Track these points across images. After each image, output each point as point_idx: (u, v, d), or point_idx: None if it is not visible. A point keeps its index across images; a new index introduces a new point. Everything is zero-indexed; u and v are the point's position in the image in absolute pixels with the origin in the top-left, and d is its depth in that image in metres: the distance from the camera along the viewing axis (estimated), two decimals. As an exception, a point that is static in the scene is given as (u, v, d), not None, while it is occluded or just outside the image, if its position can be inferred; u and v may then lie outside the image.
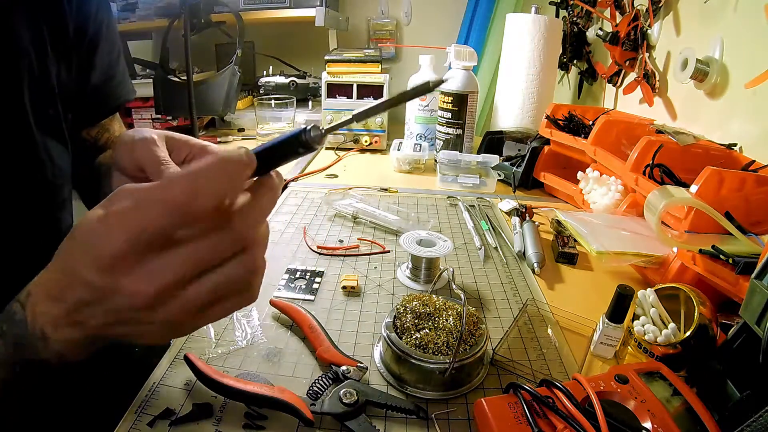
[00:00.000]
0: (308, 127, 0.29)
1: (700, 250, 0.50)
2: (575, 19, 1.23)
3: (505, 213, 0.82)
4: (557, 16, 1.25)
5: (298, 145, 0.29)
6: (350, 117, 0.31)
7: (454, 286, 0.49)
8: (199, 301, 0.28)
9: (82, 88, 0.57)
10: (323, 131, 0.29)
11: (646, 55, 0.93)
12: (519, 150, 1.01)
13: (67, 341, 0.30)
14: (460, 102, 1.03)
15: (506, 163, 0.98)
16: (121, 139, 0.40)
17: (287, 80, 1.43)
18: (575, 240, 0.65)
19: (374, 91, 1.15)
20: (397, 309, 0.46)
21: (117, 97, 0.63)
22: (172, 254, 0.26)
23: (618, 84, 1.06)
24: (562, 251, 0.66)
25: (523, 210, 0.76)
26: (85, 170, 0.62)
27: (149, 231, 0.25)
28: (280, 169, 0.30)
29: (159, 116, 1.34)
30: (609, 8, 1.01)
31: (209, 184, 0.25)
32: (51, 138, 0.52)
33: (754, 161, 0.62)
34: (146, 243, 0.25)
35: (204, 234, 0.26)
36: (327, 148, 1.20)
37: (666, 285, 0.48)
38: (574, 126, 0.86)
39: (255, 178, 0.29)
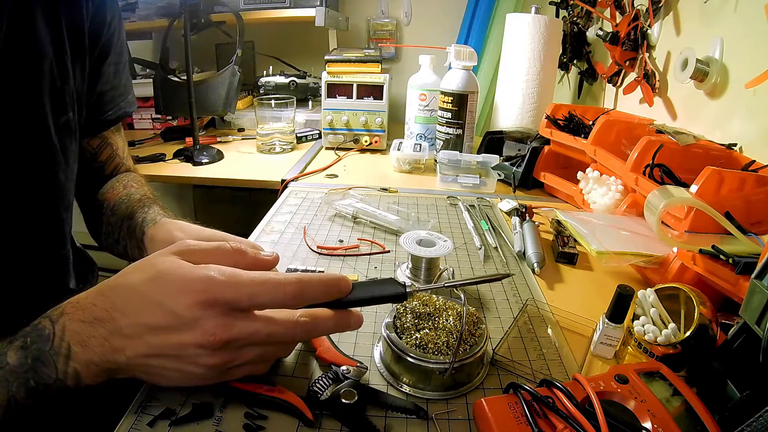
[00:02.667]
0: (408, 288, 0.39)
1: (700, 250, 0.50)
2: (575, 19, 1.23)
3: (505, 213, 0.82)
4: (557, 16, 1.25)
5: (395, 299, 0.39)
6: (442, 285, 0.43)
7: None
8: (243, 361, 0.34)
9: (89, 95, 0.57)
10: (419, 289, 0.41)
11: (646, 55, 0.93)
12: (519, 150, 1.01)
13: (90, 363, 0.32)
14: (460, 102, 1.03)
15: (506, 163, 0.98)
16: (153, 249, 0.47)
17: (287, 80, 1.43)
18: (575, 240, 0.65)
19: (374, 91, 1.15)
20: (397, 309, 0.45)
21: (118, 107, 0.63)
22: (255, 320, 0.32)
23: (618, 84, 1.06)
24: (562, 251, 0.66)
25: (523, 210, 0.76)
26: (86, 187, 0.62)
27: (256, 301, 0.32)
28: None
29: (159, 116, 1.35)
30: (609, 8, 1.01)
31: (311, 295, 0.34)
32: (66, 140, 0.53)
33: (754, 161, 0.62)
34: (244, 306, 0.32)
35: (283, 321, 0.33)
36: (327, 148, 1.20)
37: (666, 285, 0.48)
38: (574, 126, 0.86)
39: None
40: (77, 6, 0.52)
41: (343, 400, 0.37)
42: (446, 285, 0.43)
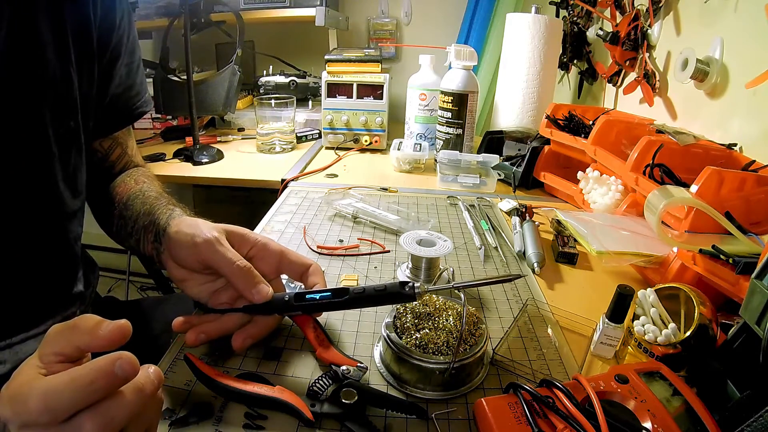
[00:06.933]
0: (415, 286, 0.41)
1: (700, 250, 0.50)
2: (575, 19, 1.23)
3: (505, 213, 0.82)
4: (557, 16, 1.25)
5: (403, 298, 0.41)
6: (450, 286, 0.42)
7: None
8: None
9: (101, 98, 0.56)
10: (427, 289, 0.41)
11: (646, 55, 0.93)
12: (519, 150, 1.01)
13: None
14: (460, 102, 1.03)
15: (506, 163, 0.98)
16: (178, 239, 0.44)
17: (287, 80, 1.43)
18: (575, 240, 0.65)
19: (374, 90, 1.15)
20: (397, 309, 0.46)
21: (133, 108, 0.62)
22: None
23: (618, 84, 1.06)
24: (562, 251, 0.66)
25: (523, 210, 0.76)
26: (95, 183, 0.62)
27: None
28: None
29: (159, 116, 1.35)
30: (609, 8, 1.01)
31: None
32: (68, 149, 0.52)
33: (754, 161, 0.62)
34: None
35: None
36: (327, 148, 1.20)
37: (666, 285, 0.48)
38: (574, 126, 0.86)
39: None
40: (83, 9, 0.50)
41: (343, 400, 0.37)
42: (455, 285, 0.42)
